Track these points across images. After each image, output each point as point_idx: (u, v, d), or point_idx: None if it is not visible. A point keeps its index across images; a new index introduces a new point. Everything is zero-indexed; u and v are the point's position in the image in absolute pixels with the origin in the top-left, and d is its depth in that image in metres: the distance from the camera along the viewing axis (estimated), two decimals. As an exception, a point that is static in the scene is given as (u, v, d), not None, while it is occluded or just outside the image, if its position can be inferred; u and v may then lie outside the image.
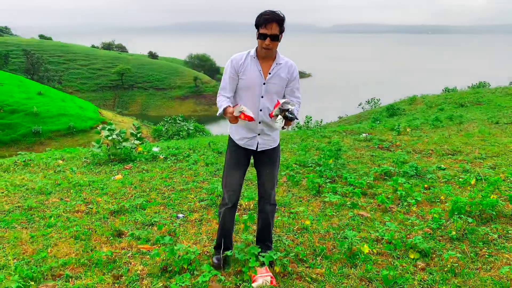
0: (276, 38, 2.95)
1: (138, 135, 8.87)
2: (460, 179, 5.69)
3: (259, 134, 3.15)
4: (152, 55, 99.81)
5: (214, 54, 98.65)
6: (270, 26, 2.91)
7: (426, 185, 5.52)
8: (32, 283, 3.04)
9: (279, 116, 2.84)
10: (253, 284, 2.95)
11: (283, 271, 3.16)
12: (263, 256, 3.10)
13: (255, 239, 3.57)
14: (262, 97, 3.08)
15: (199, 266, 3.24)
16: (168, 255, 3.25)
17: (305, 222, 4.17)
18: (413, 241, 3.54)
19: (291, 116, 2.80)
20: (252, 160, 3.34)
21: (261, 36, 2.95)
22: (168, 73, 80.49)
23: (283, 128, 2.87)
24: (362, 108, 32.82)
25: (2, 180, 6.66)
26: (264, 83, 3.06)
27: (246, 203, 4.85)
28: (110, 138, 8.04)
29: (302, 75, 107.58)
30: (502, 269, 3.01)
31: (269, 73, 3.07)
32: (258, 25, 2.96)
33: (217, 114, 3.02)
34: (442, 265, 3.28)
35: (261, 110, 3.08)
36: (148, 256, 3.51)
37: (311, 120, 16.05)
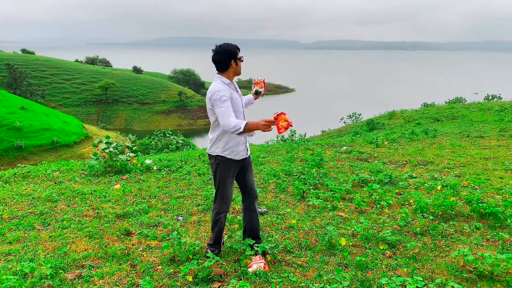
0: None
1: (133, 148, 9.41)
2: (426, 185, 6.39)
3: (245, 143, 3.78)
4: (137, 70, 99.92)
5: (196, 68, 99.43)
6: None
7: (397, 191, 6.20)
8: (61, 271, 3.57)
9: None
10: (249, 269, 3.53)
11: (273, 259, 3.76)
12: (257, 246, 3.70)
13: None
14: (244, 108, 3.80)
15: (202, 256, 3.81)
16: (175, 248, 3.81)
17: (292, 222, 4.79)
18: (383, 235, 4.19)
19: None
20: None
21: (241, 59, 3.66)
22: (152, 87, 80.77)
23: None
24: (344, 122, 33.88)
25: (7, 190, 7.10)
26: (241, 99, 3.76)
27: (239, 207, 5.45)
28: (107, 150, 8.55)
29: (286, 90, 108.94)
30: (453, 254, 3.67)
31: (238, 90, 3.78)
32: (235, 53, 3.60)
33: (241, 130, 3.32)
34: (406, 253, 3.93)
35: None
36: (157, 250, 4.07)
37: (295, 133, 16.78)
